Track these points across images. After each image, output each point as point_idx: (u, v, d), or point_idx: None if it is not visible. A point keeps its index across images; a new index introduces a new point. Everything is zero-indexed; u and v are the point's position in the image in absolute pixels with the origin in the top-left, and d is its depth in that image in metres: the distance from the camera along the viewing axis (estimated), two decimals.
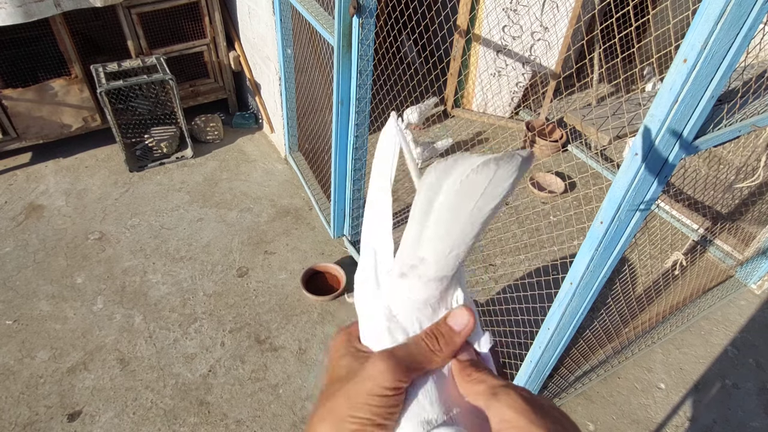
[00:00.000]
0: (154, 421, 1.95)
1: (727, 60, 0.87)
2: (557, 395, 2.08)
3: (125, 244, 2.70)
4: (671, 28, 1.03)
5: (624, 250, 1.26)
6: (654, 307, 2.48)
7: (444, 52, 3.89)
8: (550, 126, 3.55)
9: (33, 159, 3.27)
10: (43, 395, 2.01)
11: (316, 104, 2.95)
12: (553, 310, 1.48)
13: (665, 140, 0.98)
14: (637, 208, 1.13)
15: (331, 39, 1.98)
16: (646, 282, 2.63)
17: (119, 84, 2.87)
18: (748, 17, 0.82)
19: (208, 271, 2.57)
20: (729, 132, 1.09)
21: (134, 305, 2.38)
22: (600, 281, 1.34)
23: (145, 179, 3.16)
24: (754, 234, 2.73)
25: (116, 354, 2.18)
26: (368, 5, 1.75)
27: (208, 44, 3.39)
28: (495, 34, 3.44)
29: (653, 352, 2.32)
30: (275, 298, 2.45)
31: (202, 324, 2.31)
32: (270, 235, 2.81)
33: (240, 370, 2.14)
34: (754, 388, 2.21)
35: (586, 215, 2.75)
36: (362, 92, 2.01)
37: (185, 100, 3.46)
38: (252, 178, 3.23)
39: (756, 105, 1.18)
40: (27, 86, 2.90)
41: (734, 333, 2.44)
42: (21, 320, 2.29)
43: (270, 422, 1.97)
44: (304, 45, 2.80)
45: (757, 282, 2.65)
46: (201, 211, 2.94)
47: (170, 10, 3.13)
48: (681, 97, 0.91)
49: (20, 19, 2.59)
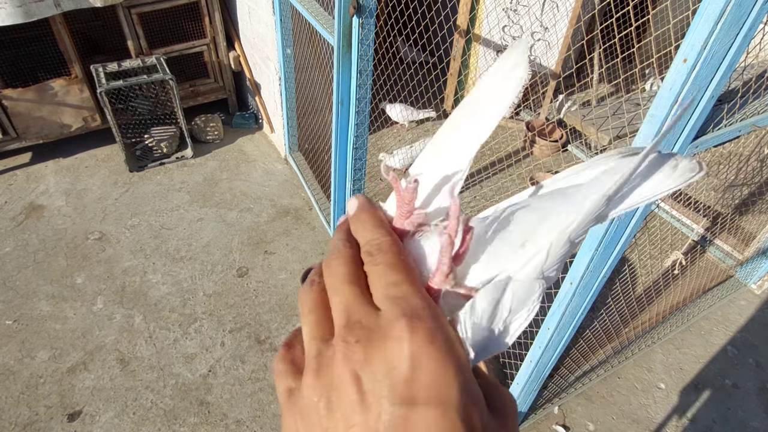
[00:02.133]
0: (154, 421, 1.95)
1: (727, 60, 0.87)
2: (557, 395, 2.08)
3: (125, 244, 2.70)
4: (671, 28, 1.03)
5: (624, 250, 1.26)
6: (654, 307, 2.48)
7: (444, 52, 3.89)
8: (550, 126, 3.55)
9: (33, 159, 3.27)
10: (43, 395, 2.01)
11: (316, 104, 2.95)
12: (553, 310, 1.48)
13: (665, 140, 0.98)
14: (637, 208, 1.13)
15: (331, 39, 1.98)
16: (646, 282, 2.63)
17: (119, 84, 2.87)
18: (748, 17, 0.82)
19: (208, 271, 2.57)
20: (729, 132, 1.09)
21: (134, 305, 2.38)
22: (600, 281, 1.34)
23: (145, 179, 3.16)
24: (754, 234, 2.73)
25: (116, 354, 2.18)
26: (368, 5, 1.75)
27: (208, 44, 3.39)
28: (495, 34, 3.44)
29: (653, 352, 2.32)
30: (275, 298, 2.45)
31: (202, 324, 2.31)
32: (270, 235, 2.81)
33: (240, 370, 2.14)
34: (754, 388, 2.21)
35: None
36: (362, 92, 2.01)
37: (185, 100, 3.46)
38: (252, 178, 3.23)
39: (756, 105, 1.18)
40: (27, 86, 2.90)
41: (734, 333, 2.44)
42: (21, 320, 2.29)
43: (270, 422, 1.97)
44: (304, 45, 2.80)
45: (757, 282, 2.65)
46: (201, 211, 2.94)
47: (170, 10, 3.13)
48: (681, 97, 0.91)
49: (20, 19, 2.59)
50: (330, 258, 0.26)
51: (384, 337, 0.21)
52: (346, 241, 0.27)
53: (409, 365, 0.20)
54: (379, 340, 0.21)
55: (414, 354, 0.20)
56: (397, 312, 0.22)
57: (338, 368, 0.22)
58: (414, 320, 0.21)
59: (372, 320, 0.22)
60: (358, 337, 0.22)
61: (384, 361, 0.21)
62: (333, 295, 0.24)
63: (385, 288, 0.23)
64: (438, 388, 0.20)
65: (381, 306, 0.23)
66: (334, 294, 0.24)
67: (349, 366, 0.21)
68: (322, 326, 0.25)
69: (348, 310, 0.23)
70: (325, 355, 0.23)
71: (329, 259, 0.26)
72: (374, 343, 0.21)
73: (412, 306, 0.22)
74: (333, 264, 0.25)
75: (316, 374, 0.23)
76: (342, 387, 0.21)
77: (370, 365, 0.21)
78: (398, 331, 0.21)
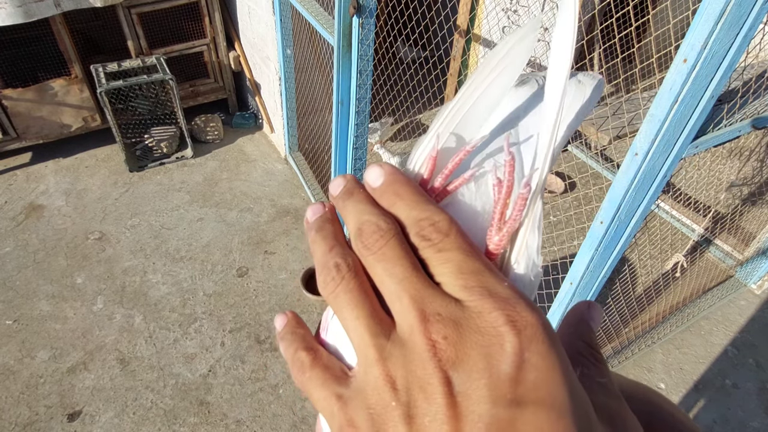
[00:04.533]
0: (154, 421, 1.95)
1: (727, 60, 0.87)
2: None
3: (125, 244, 2.70)
4: (671, 28, 1.03)
5: (624, 250, 1.26)
6: (654, 307, 2.48)
7: (444, 52, 3.89)
8: None
9: (33, 159, 3.27)
10: (43, 395, 2.01)
11: (316, 104, 2.95)
12: (553, 310, 1.48)
13: (665, 140, 0.98)
14: (637, 208, 1.13)
15: (331, 39, 1.98)
16: (646, 282, 2.63)
17: (119, 84, 2.87)
18: (748, 17, 0.82)
19: (208, 271, 2.57)
20: (729, 132, 1.09)
21: (134, 305, 2.38)
22: (600, 281, 1.34)
23: (145, 179, 3.16)
24: (754, 234, 2.73)
25: (116, 354, 2.18)
26: (368, 5, 1.75)
27: (208, 44, 3.39)
28: (495, 34, 3.44)
29: (653, 352, 2.32)
30: (275, 298, 2.45)
31: (202, 324, 2.31)
32: (270, 235, 2.81)
33: (240, 370, 2.14)
34: (754, 388, 2.20)
35: (586, 215, 2.75)
36: (362, 92, 2.01)
37: (185, 100, 3.46)
38: (252, 178, 3.23)
39: (756, 105, 1.18)
40: (27, 86, 2.90)
41: (734, 333, 2.44)
42: (21, 320, 2.29)
43: (270, 422, 1.97)
44: (304, 45, 2.80)
45: (757, 282, 2.65)
46: (201, 211, 2.94)
47: (170, 10, 3.13)
48: (681, 97, 0.91)
49: (20, 19, 2.59)
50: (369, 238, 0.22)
51: (478, 331, 0.19)
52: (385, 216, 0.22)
53: (514, 362, 0.18)
54: (473, 335, 0.19)
55: (517, 350, 0.18)
56: (487, 305, 0.19)
57: (420, 370, 0.19)
58: (510, 312, 0.19)
59: (457, 313, 0.19)
60: (444, 333, 0.19)
61: (482, 359, 0.18)
62: (391, 283, 0.21)
63: (461, 277, 0.20)
64: (548, 388, 0.17)
65: (460, 297, 0.20)
66: (392, 281, 0.21)
67: (439, 366, 0.19)
68: (379, 321, 0.21)
69: (420, 301, 0.20)
70: (394, 354, 0.20)
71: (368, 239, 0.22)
72: (466, 338, 0.19)
73: (503, 297, 0.19)
74: (381, 246, 0.21)
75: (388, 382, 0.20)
76: (428, 390, 0.18)
77: (465, 364, 0.18)
78: (495, 325, 0.18)
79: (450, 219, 0.22)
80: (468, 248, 0.21)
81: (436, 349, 0.19)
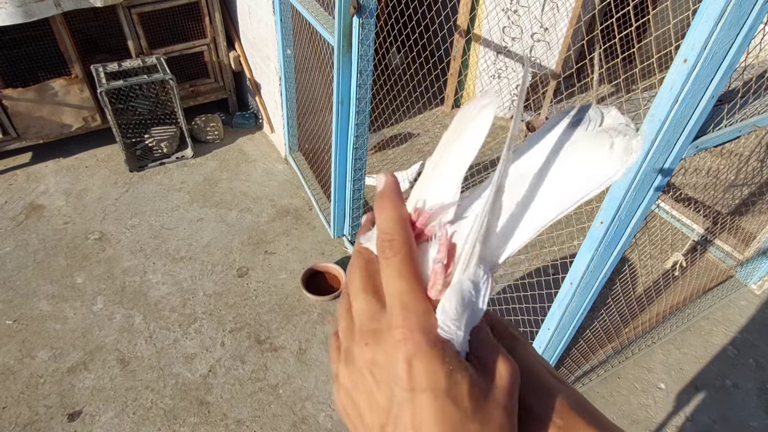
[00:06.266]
0: (154, 421, 1.95)
1: (727, 60, 0.87)
2: None
3: (125, 244, 2.70)
4: (671, 28, 1.03)
5: (624, 250, 1.26)
6: (654, 307, 2.48)
7: (444, 52, 3.89)
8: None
9: (33, 159, 3.27)
10: (43, 395, 2.01)
11: (316, 104, 2.95)
12: (553, 311, 1.48)
13: (665, 140, 0.98)
14: (637, 208, 1.13)
15: (331, 39, 1.98)
16: (646, 282, 2.63)
17: (119, 84, 2.87)
18: (748, 17, 0.82)
19: (208, 271, 2.57)
20: (729, 132, 1.09)
21: (134, 305, 2.38)
22: (600, 281, 1.34)
23: (145, 179, 3.16)
24: (754, 234, 2.73)
25: (116, 354, 2.18)
26: (368, 5, 1.75)
27: (208, 44, 3.39)
28: (495, 34, 3.44)
29: (653, 352, 2.32)
30: (275, 298, 2.45)
31: (202, 324, 2.31)
32: (270, 235, 2.81)
33: (240, 370, 2.14)
34: (754, 388, 2.20)
35: (586, 215, 2.75)
36: (362, 92, 2.01)
37: (185, 100, 3.46)
38: (252, 178, 3.23)
39: (756, 105, 1.18)
40: (27, 86, 2.90)
41: (734, 333, 2.44)
42: (21, 320, 2.29)
43: (270, 422, 1.97)
44: (304, 45, 2.80)
45: (757, 282, 2.65)
46: (201, 211, 2.94)
47: (170, 10, 3.13)
48: (681, 97, 0.91)
49: (20, 19, 2.59)
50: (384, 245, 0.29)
51: (385, 341, 0.27)
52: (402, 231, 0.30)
53: (406, 364, 0.26)
54: (383, 344, 0.27)
55: (408, 356, 0.26)
56: (398, 320, 0.27)
57: (358, 363, 0.29)
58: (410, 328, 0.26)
59: (377, 325, 0.28)
60: (366, 340, 0.28)
61: (388, 360, 0.27)
62: (388, 287, 0.29)
63: (392, 294, 0.28)
64: (429, 379, 0.25)
65: (388, 304, 0.28)
66: (390, 287, 0.29)
67: (365, 363, 0.28)
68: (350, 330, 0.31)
69: (359, 316, 0.29)
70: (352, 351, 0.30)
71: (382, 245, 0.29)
72: (379, 346, 0.27)
73: (413, 313, 0.27)
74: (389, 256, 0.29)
75: (346, 364, 0.30)
76: (362, 376, 0.28)
77: (378, 363, 0.27)
78: (397, 337, 0.26)
79: (404, 241, 0.29)
80: (403, 270, 0.28)
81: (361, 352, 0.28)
